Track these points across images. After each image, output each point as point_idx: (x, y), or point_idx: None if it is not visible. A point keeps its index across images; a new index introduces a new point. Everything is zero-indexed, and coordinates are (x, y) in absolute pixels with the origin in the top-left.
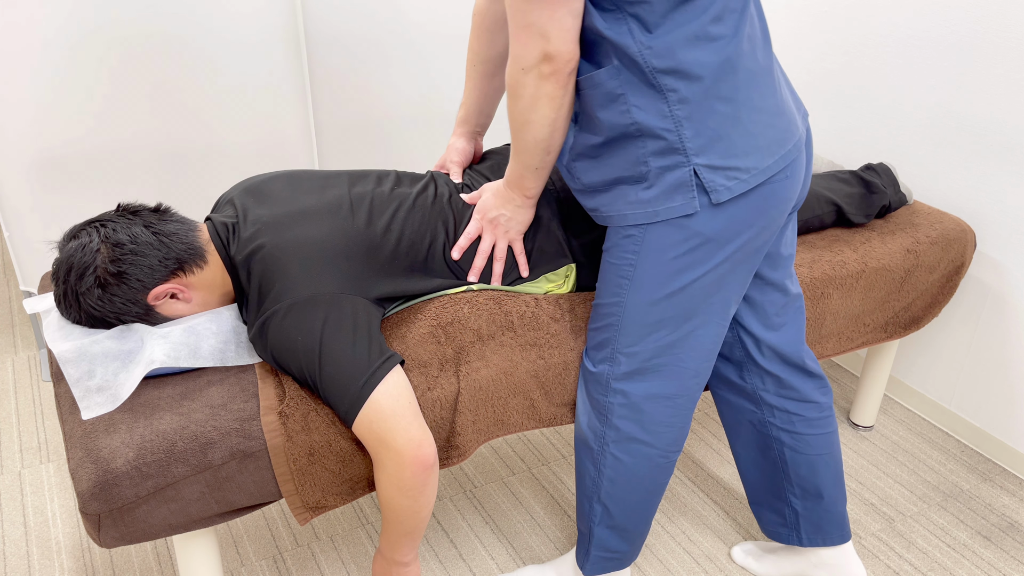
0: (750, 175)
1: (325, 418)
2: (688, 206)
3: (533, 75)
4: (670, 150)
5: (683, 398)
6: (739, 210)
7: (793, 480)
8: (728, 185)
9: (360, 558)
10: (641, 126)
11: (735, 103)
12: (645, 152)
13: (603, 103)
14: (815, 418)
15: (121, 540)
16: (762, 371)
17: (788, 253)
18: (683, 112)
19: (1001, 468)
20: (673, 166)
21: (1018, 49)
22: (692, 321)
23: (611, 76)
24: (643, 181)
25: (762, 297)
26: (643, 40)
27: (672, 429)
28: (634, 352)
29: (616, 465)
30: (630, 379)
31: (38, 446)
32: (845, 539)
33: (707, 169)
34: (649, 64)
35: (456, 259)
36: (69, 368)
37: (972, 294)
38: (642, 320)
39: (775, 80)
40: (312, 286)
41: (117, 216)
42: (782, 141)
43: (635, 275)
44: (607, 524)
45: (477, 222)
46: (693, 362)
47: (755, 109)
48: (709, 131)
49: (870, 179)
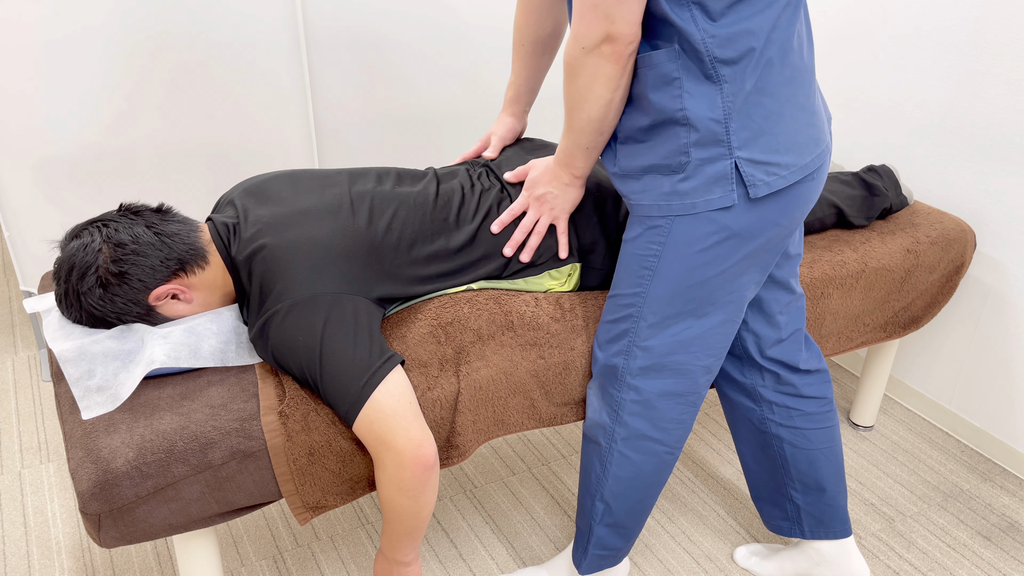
0: (788, 172)
1: (325, 418)
2: (727, 199)
3: (593, 55)
4: (714, 141)
5: (694, 395)
6: (769, 207)
7: (794, 475)
8: (767, 180)
9: (360, 558)
10: (688, 113)
11: (780, 99)
12: (688, 142)
13: (657, 84)
14: (815, 413)
15: (121, 540)
16: (761, 368)
17: (796, 253)
18: (733, 103)
19: (1001, 468)
20: (714, 158)
21: (1018, 49)
22: (710, 316)
23: (670, 58)
24: (679, 172)
25: (768, 295)
26: (706, 28)
27: (682, 426)
28: (650, 347)
29: (623, 462)
30: (645, 375)
31: (38, 446)
32: (847, 533)
33: (748, 163)
34: (710, 53)
35: (496, 233)
36: (69, 368)
37: (972, 294)
38: (662, 312)
39: (815, 81)
40: (313, 286)
41: (119, 216)
42: (817, 141)
43: (659, 266)
44: (607, 522)
45: (524, 198)
46: (707, 359)
47: (798, 107)
48: (754, 125)
49: (872, 181)
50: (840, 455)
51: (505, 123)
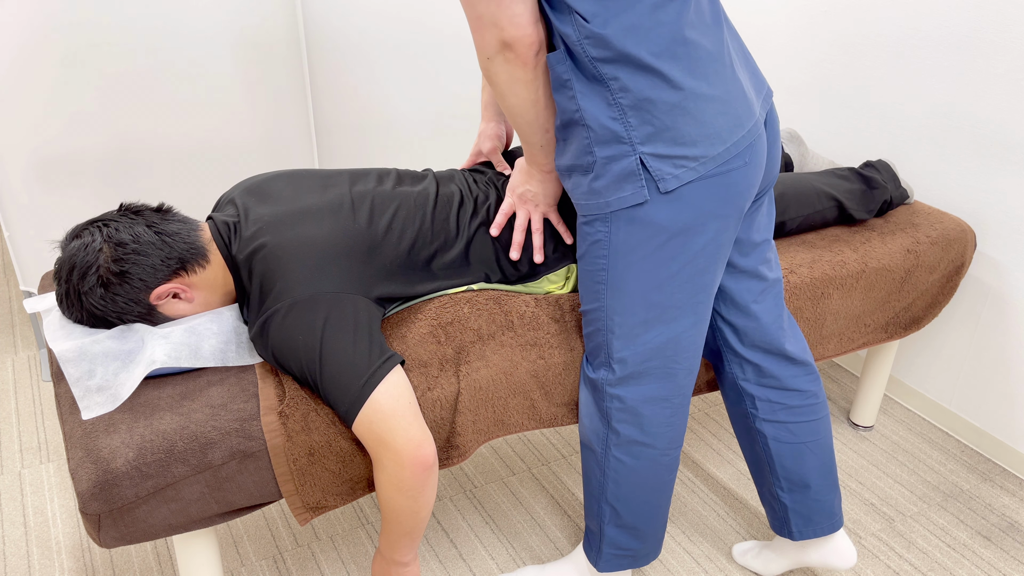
0: (699, 163)
1: (325, 418)
2: (638, 195)
3: (498, 62)
4: (615, 139)
5: (679, 397)
6: (697, 199)
7: (779, 473)
8: (676, 173)
9: (360, 558)
10: (585, 114)
11: (680, 91)
12: (590, 141)
13: (556, 87)
14: (799, 406)
15: (121, 540)
16: (741, 359)
17: (761, 239)
18: (626, 101)
19: (1001, 468)
20: (618, 156)
21: (1018, 49)
22: (679, 320)
23: (559, 61)
24: (590, 171)
25: (736, 285)
26: (582, 29)
27: (671, 428)
28: (625, 358)
29: (619, 467)
30: (624, 384)
31: (38, 446)
32: (836, 528)
33: (653, 158)
34: (588, 54)
35: (495, 235)
36: (69, 367)
37: (972, 294)
38: (627, 323)
39: (725, 65)
40: (313, 285)
41: (119, 216)
42: (735, 127)
43: (608, 279)
44: (616, 523)
45: (509, 199)
46: (684, 361)
47: (702, 97)
48: (655, 120)
49: (870, 175)
50: (829, 450)
51: (487, 131)
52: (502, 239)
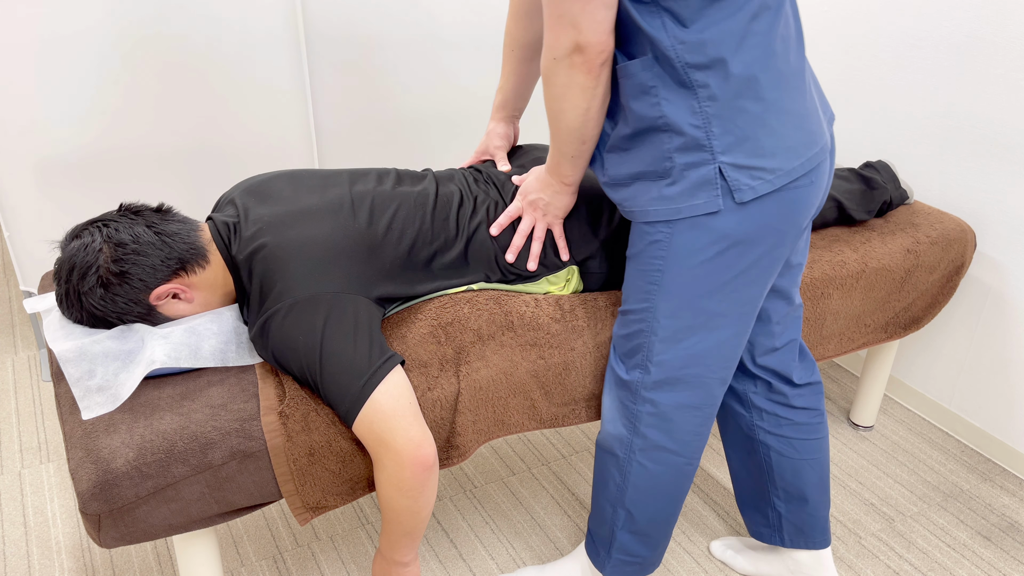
0: (775, 176)
1: (325, 418)
2: (711, 204)
3: (564, 64)
4: (696, 147)
5: (710, 407)
6: (764, 212)
7: (778, 484)
8: (752, 184)
9: (360, 558)
10: (669, 120)
11: (764, 103)
12: (671, 147)
13: (635, 94)
14: (804, 423)
15: (121, 540)
16: (754, 376)
17: (798, 262)
18: (712, 109)
19: (1001, 468)
20: (698, 163)
21: (1018, 49)
22: (722, 329)
23: (644, 68)
24: (666, 177)
25: (768, 304)
26: (677, 35)
27: (698, 438)
28: (664, 361)
29: (642, 472)
30: (660, 388)
31: (38, 446)
32: (825, 544)
33: (732, 168)
34: (681, 59)
35: (495, 235)
36: (69, 368)
37: (972, 294)
38: (673, 326)
39: (805, 83)
40: (313, 285)
41: (119, 216)
42: (808, 144)
43: (663, 280)
44: (630, 529)
45: (518, 202)
46: (720, 370)
47: (783, 111)
48: (737, 130)
49: (869, 175)
50: (826, 466)
51: (497, 131)
52: (501, 239)
